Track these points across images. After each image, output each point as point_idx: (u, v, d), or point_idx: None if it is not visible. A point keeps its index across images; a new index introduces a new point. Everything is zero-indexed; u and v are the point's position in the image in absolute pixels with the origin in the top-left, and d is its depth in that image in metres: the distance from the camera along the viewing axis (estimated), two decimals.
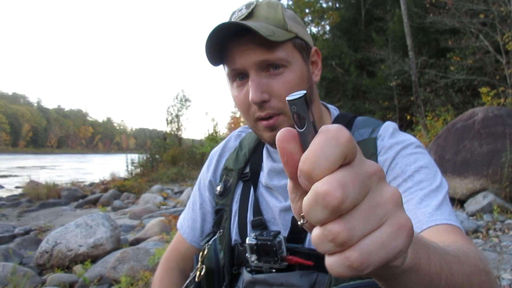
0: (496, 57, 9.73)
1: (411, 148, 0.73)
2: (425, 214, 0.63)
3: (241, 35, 0.69)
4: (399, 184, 0.68)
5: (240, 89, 0.75)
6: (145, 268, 3.17)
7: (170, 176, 13.24)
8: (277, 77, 0.72)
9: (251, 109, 0.74)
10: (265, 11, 0.72)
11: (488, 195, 4.49)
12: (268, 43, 0.68)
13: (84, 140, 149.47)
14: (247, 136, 0.97)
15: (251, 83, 0.71)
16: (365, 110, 14.96)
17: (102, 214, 4.58)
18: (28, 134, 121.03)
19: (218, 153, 0.99)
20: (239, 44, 0.70)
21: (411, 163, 0.70)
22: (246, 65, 0.71)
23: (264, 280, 0.75)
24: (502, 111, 5.14)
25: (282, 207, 0.80)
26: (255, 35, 0.67)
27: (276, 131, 0.71)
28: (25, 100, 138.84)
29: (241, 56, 0.71)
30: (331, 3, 19.95)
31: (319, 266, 0.71)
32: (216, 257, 0.83)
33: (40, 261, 3.91)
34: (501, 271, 2.75)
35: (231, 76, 0.75)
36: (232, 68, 0.73)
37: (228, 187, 0.90)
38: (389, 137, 0.77)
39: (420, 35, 12.50)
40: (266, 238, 0.73)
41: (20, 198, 10.21)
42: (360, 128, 0.81)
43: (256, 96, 0.70)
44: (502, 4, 8.94)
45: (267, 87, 0.71)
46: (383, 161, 0.73)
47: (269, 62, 0.71)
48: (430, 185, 0.67)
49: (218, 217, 0.90)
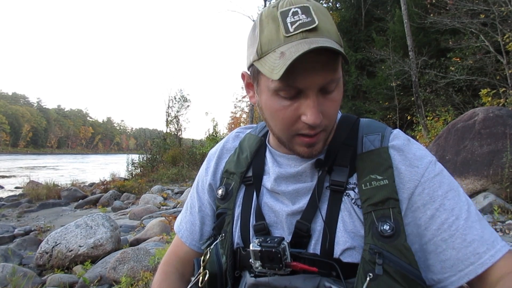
0: (496, 57, 9.73)
1: (432, 167, 0.72)
2: (478, 254, 0.66)
3: (312, 52, 0.61)
4: (433, 215, 0.68)
5: (285, 104, 0.68)
6: (145, 269, 3.16)
7: (170, 176, 13.25)
8: (329, 96, 0.69)
9: (295, 125, 0.70)
10: (327, 23, 0.67)
11: (489, 196, 4.48)
12: (335, 63, 0.65)
13: (84, 141, 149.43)
14: (246, 137, 0.94)
15: (313, 104, 0.66)
16: (365, 110, 14.97)
17: (102, 214, 4.58)
18: (28, 135, 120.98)
19: (217, 155, 0.95)
20: (303, 62, 0.62)
21: (437, 188, 0.70)
22: (308, 86, 0.65)
23: (267, 283, 0.73)
24: (502, 111, 5.13)
25: (289, 211, 0.78)
26: (322, 53, 0.62)
27: (314, 147, 0.73)
28: (25, 100, 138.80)
29: (305, 76, 0.64)
30: (332, 4, 19.95)
31: (323, 272, 0.70)
32: (219, 262, 0.81)
33: (40, 261, 3.91)
34: None
35: (278, 90, 0.68)
36: (288, 85, 0.66)
37: (230, 191, 0.87)
38: (405, 148, 0.75)
39: (420, 35, 12.51)
40: (270, 245, 0.71)
41: (20, 199, 10.21)
42: (369, 133, 0.79)
43: (317, 119, 0.67)
44: (502, 4, 8.94)
45: (322, 107, 0.68)
46: (405, 181, 0.71)
47: (331, 83, 0.67)
48: (462, 210, 0.69)
49: (219, 221, 0.87)
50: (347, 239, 0.70)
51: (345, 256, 0.70)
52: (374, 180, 0.71)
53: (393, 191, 0.69)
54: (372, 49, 13.63)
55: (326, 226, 0.72)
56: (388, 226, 0.66)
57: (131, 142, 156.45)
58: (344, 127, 0.81)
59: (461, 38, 10.57)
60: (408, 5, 11.57)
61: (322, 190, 0.75)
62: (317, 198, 0.75)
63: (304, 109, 0.67)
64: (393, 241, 0.66)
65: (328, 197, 0.75)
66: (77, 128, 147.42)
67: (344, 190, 0.74)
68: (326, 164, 0.77)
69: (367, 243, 0.67)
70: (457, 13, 9.92)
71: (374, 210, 0.69)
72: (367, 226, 0.69)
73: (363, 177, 0.73)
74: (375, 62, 14.15)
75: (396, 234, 0.66)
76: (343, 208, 0.73)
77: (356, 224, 0.71)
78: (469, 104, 10.65)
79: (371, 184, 0.71)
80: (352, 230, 0.71)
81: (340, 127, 0.81)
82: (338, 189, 0.74)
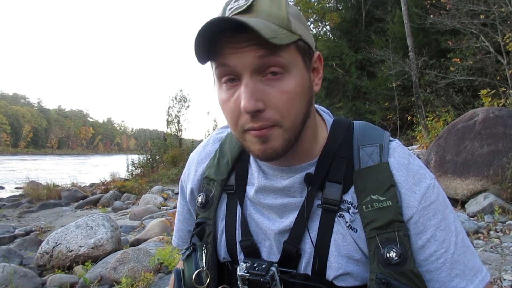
0: (496, 57, 9.73)
1: (430, 192, 0.68)
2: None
3: (237, 30, 0.58)
4: (423, 245, 0.66)
5: (229, 94, 0.64)
6: (146, 269, 3.16)
7: (170, 176, 13.25)
8: (275, 83, 0.61)
9: (240, 118, 0.63)
10: (267, 5, 0.62)
11: (489, 196, 4.48)
12: (268, 44, 0.58)
13: (84, 141, 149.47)
14: (227, 139, 0.86)
15: (245, 89, 0.60)
16: (365, 111, 14.98)
17: (102, 214, 4.58)
18: (28, 135, 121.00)
19: (196, 159, 0.88)
20: (234, 41, 0.60)
21: (431, 217, 0.67)
22: (240, 67, 0.60)
23: None
24: (503, 111, 5.13)
25: (276, 230, 0.73)
26: (254, 33, 0.57)
27: (267, 144, 0.63)
28: (25, 101, 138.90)
29: (234, 55, 0.60)
30: (332, 4, 19.97)
31: None
32: (199, 275, 0.77)
33: (41, 262, 3.91)
34: (502, 272, 2.75)
35: (219, 75, 0.64)
36: (221, 65, 0.62)
37: (210, 199, 0.81)
38: (406, 168, 0.69)
39: (420, 36, 12.51)
40: (258, 273, 0.68)
41: (21, 199, 10.23)
42: (365, 144, 0.73)
43: (250, 104, 0.59)
44: (502, 5, 8.94)
45: (262, 94, 0.61)
46: (405, 207, 0.67)
47: (269, 65, 0.60)
48: (450, 242, 0.67)
49: (199, 230, 0.82)
50: (341, 263, 0.68)
51: (339, 281, 0.68)
52: (376, 202, 0.66)
53: (397, 213, 0.65)
54: (372, 49, 13.64)
55: (316, 249, 0.69)
56: (395, 253, 0.63)
57: (131, 142, 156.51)
58: (336, 136, 0.75)
59: (461, 39, 10.58)
60: (408, 5, 11.58)
61: (312, 208, 0.70)
62: (306, 217, 0.69)
63: (240, 95, 0.62)
64: (401, 268, 0.63)
65: (319, 216, 0.70)
66: (77, 128, 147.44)
67: (337, 210, 0.69)
68: (317, 178, 0.70)
69: (373, 271, 0.64)
70: (457, 14, 9.92)
71: (378, 234, 0.65)
72: (372, 252, 0.65)
73: (364, 198, 0.67)
74: (375, 63, 14.16)
75: (403, 260, 0.63)
76: (336, 230, 0.68)
77: (351, 247, 0.68)
78: (469, 104, 10.65)
79: (373, 206, 0.66)
80: (346, 254, 0.68)
81: (332, 135, 0.75)
82: (331, 208, 0.69)
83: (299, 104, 0.64)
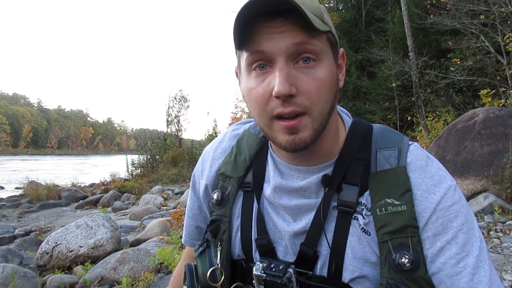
0: (496, 58, 9.73)
1: (451, 193, 0.66)
2: None
3: (272, 15, 0.58)
4: (443, 247, 0.63)
5: (259, 80, 0.63)
6: (146, 269, 3.16)
7: (170, 177, 13.26)
8: (308, 70, 0.61)
9: (269, 104, 0.62)
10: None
11: (489, 196, 4.48)
12: (307, 27, 0.58)
13: (84, 141, 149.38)
14: (245, 136, 0.85)
15: (280, 72, 0.60)
16: (365, 111, 14.97)
17: (102, 215, 4.58)
18: (28, 135, 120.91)
19: (211, 155, 0.87)
20: (269, 26, 0.59)
21: (452, 219, 0.64)
22: (275, 52, 0.60)
23: None
24: (503, 112, 5.13)
25: (292, 232, 0.72)
26: (290, 16, 0.58)
27: (297, 135, 0.63)
28: (25, 101, 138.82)
29: (270, 40, 0.60)
30: (332, 4, 19.97)
31: None
32: (213, 273, 0.76)
33: (41, 262, 3.91)
34: (502, 272, 2.75)
35: (250, 63, 0.63)
36: (255, 52, 0.61)
37: (226, 196, 0.80)
38: (424, 170, 0.68)
39: (420, 36, 12.50)
40: (275, 274, 0.67)
41: (21, 199, 10.23)
42: (383, 147, 0.71)
43: (284, 88, 0.59)
44: (502, 5, 8.94)
45: (296, 80, 0.61)
46: (421, 210, 0.65)
47: (304, 51, 0.60)
48: (473, 247, 0.63)
49: (214, 227, 0.81)
50: (356, 266, 0.67)
51: (355, 283, 0.67)
52: (391, 205, 0.65)
53: (412, 218, 0.64)
54: (372, 49, 13.63)
55: (332, 252, 0.68)
56: (407, 260, 0.62)
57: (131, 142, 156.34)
58: (355, 137, 0.74)
59: (461, 39, 10.57)
60: (409, 5, 11.57)
61: (328, 209, 0.70)
62: (322, 219, 0.69)
63: (273, 79, 0.61)
64: (413, 274, 0.62)
65: (335, 218, 0.69)
66: (77, 128, 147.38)
67: (353, 212, 0.68)
68: (334, 180, 0.70)
69: (384, 276, 0.63)
70: (457, 14, 9.92)
71: (391, 239, 0.64)
72: (383, 256, 0.64)
73: (378, 201, 0.66)
74: (375, 63, 14.15)
75: (416, 266, 0.62)
76: (352, 233, 0.68)
77: (366, 250, 0.67)
78: (469, 104, 10.64)
79: (387, 210, 0.65)
80: (362, 256, 0.67)
81: (350, 137, 0.74)
82: (348, 210, 0.68)
83: (328, 93, 0.64)
